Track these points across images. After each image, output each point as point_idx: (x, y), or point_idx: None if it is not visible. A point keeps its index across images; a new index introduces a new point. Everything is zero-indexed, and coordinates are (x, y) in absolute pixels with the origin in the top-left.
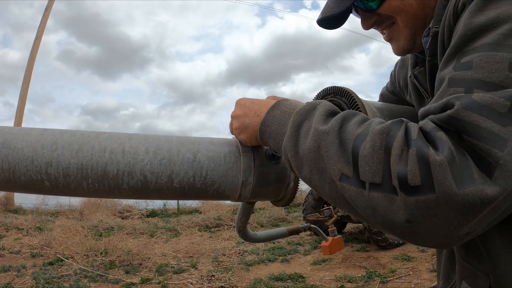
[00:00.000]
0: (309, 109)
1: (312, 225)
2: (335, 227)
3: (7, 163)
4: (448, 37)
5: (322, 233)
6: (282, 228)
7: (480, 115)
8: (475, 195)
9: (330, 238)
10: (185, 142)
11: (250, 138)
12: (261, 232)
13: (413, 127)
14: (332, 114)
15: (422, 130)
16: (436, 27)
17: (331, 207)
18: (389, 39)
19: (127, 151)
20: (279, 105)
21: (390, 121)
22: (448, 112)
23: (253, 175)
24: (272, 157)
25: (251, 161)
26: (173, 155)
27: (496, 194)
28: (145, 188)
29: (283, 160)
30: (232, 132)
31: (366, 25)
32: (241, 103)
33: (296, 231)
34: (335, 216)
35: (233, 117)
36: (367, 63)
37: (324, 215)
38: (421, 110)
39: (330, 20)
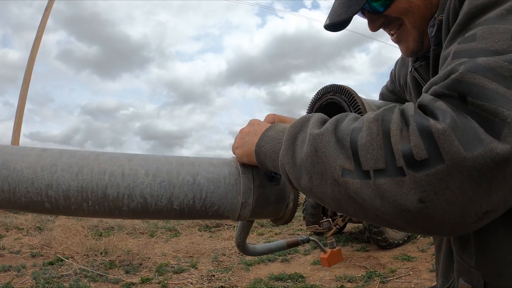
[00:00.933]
0: (303, 121)
1: (311, 238)
2: (334, 239)
3: (7, 184)
4: (453, 21)
5: (321, 245)
6: (282, 241)
7: (485, 77)
8: (485, 156)
9: (329, 250)
10: (184, 164)
11: (242, 155)
12: (261, 246)
13: (409, 106)
14: (326, 120)
15: (419, 105)
16: (441, 16)
17: (330, 219)
18: (397, 41)
19: (126, 174)
20: (274, 126)
21: (382, 108)
22: (452, 76)
23: (253, 197)
24: (272, 178)
25: (250, 183)
26: (172, 178)
27: (507, 152)
28: (145, 210)
29: (283, 181)
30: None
31: (373, 27)
32: (251, 123)
33: (295, 244)
34: (334, 228)
35: (240, 132)
36: (367, 63)
37: (323, 227)
38: (426, 85)
39: (337, 23)
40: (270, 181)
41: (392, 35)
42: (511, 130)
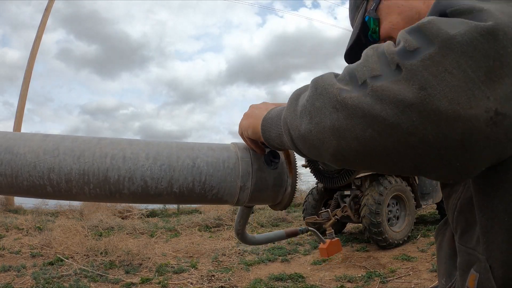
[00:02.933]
0: (307, 85)
1: (310, 228)
2: (332, 230)
3: (10, 168)
4: None
5: (320, 235)
6: (281, 231)
7: None
8: (472, 31)
9: (327, 241)
10: (184, 148)
11: (248, 126)
12: (260, 235)
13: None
14: None
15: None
16: None
17: (328, 210)
18: None
19: (127, 157)
20: (284, 104)
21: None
22: (433, 4)
23: (251, 180)
24: (270, 163)
25: (249, 167)
26: (172, 161)
27: (491, 25)
28: (145, 193)
29: (281, 165)
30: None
31: None
32: (264, 103)
33: (294, 234)
34: (333, 218)
35: (250, 107)
36: None
37: (322, 217)
38: None
39: (355, 57)
40: (268, 165)
41: None
42: (490, 13)
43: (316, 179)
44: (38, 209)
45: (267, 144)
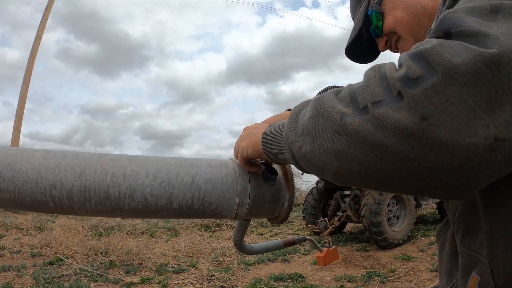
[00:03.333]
0: (307, 101)
1: (307, 237)
2: (330, 239)
3: (12, 184)
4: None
5: (317, 244)
6: (278, 240)
7: (466, 14)
8: (476, 60)
9: (324, 249)
10: (183, 165)
11: (248, 146)
12: (257, 244)
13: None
14: None
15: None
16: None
17: (326, 219)
18: (401, 51)
19: (128, 175)
20: (281, 118)
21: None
22: (438, 19)
23: (249, 196)
24: (267, 179)
25: (247, 183)
26: (172, 178)
27: (496, 54)
28: (145, 209)
29: (278, 181)
30: (235, 149)
31: (380, 47)
32: (255, 124)
33: (292, 243)
34: (330, 228)
35: (244, 129)
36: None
37: (319, 226)
38: None
39: (357, 52)
40: (266, 181)
41: (397, 50)
42: (495, 38)
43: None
44: None
45: (268, 159)
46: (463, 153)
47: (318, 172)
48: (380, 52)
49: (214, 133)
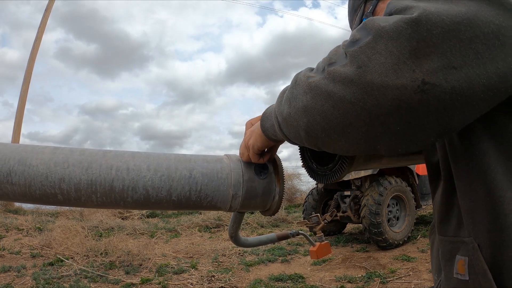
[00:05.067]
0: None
1: (300, 231)
2: (322, 233)
3: (23, 178)
4: None
5: (310, 238)
6: (272, 234)
7: None
8: (399, 20)
9: (317, 244)
10: (182, 160)
11: (256, 138)
12: (252, 238)
13: None
14: None
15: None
16: None
17: (318, 214)
18: None
19: (131, 169)
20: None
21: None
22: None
23: (242, 189)
24: (259, 173)
25: (240, 177)
26: (171, 172)
27: (416, 15)
28: (147, 201)
29: (269, 175)
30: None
31: None
32: (250, 124)
33: (285, 237)
34: (322, 222)
35: (246, 131)
36: None
37: (312, 221)
38: None
39: None
40: (258, 175)
41: None
42: (418, 7)
43: (310, 176)
44: (38, 210)
45: (264, 135)
46: (393, 93)
47: (295, 134)
48: None
49: (214, 133)
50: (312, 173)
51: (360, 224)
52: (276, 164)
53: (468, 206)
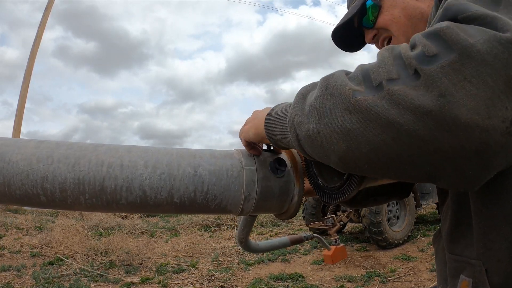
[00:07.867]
0: (314, 83)
1: (314, 234)
2: (337, 236)
3: (2, 176)
4: (434, 14)
5: (325, 242)
6: (285, 238)
7: (469, 1)
8: (491, 40)
9: (332, 247)
10: (185, 155)
11: (250, 128)
12: (264, 242)
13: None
14: None
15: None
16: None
17: (333, 215)
18: None
19: (125, 165)
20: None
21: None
22: (443, 8)
23: (256, 190)
24: (276, 170)
25: (254, 175)
26: (173, 169)
27: (510, 36)
28: (144, 203)
29: (287, 173)
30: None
31: (367, 39)
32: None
33: (299, 241)
34: (338, 224)
35: (252, 114)
36: (368, 60)
37: (326, 223)
38: None
39: (343, 38)
40: (274, 173)
41: (382, 47)
42: (506, 23)
43: (316, 193)
44: (38, 209)
45: (270, 142)
46: (481, 136)
47: (322, 155)
48: (365, 44)
49: (214, 132)
50: (318, 190)
51: (360, 223)
52: (295, 160)
53: (481, 229)
